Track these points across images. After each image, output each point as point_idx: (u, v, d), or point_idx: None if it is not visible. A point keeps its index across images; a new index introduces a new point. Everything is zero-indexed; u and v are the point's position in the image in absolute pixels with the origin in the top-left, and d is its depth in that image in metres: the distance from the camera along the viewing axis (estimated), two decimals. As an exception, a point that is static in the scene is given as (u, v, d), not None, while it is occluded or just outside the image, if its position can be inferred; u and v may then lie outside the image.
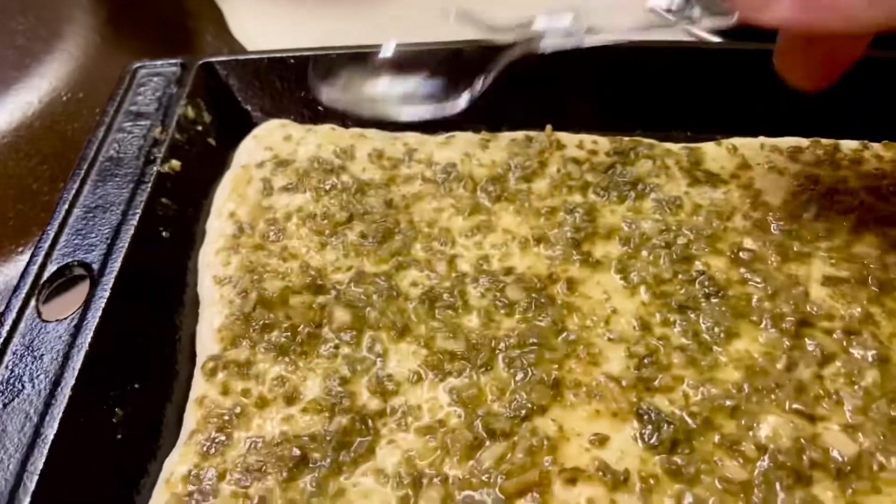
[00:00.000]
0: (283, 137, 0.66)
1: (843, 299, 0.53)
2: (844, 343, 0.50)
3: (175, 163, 0.60)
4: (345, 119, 0.70)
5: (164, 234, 0.57)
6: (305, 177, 0.62)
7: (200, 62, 0.69)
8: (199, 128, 0.65)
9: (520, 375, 0.49)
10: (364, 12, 0.97)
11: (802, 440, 0.45)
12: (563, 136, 0.66)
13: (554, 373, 0.49)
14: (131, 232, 0.54)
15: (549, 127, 0.67)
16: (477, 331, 0.51)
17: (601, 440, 0.46)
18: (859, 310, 0.52)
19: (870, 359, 0.49)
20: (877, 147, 0.65)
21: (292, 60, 0.70)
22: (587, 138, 0.67)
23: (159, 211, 0.57)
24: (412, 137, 0.67)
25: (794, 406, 0.47)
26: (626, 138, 0.67)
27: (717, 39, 0.85)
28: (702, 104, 0.70)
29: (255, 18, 0.94)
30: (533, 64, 0.70)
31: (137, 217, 0.55)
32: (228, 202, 0.60)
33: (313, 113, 0.70)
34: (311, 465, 0.45)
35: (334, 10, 0.97)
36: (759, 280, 0.54)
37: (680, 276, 0.55)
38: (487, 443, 0.45)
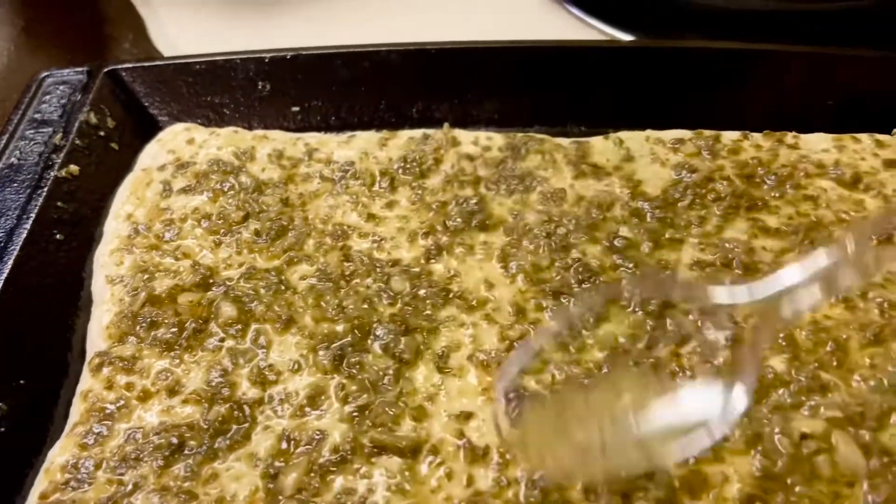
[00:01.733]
0: (187, 141, 0.68)
1: (707, 282, 0.56)
2: (700, 324, 0.52)
3: (73, 167, 0.62)
4: (250, 121, 0.73)
5: (58, 236, 0.59)
6: (204, 178, 0.64)
7: (106, 70, 0.70)
8: (102, 133, 0.67)
9: (394, 357, 0.51)
10: (288, 16, 0.99)
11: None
12: (460, 134, 0.69)
13: (427, 353, 0.51)
14: (24, 235, 0.56)
15: (446, 125, 0.70)
16: (359, 318, 0.53)
17: (466, 416, 0.48)
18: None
19: (723, 340, 0.52)
20: (757, 137, 0.68)
21: (198, 66, 0.72)
22: (482, 135, 0.69)
23: (54, 214, 0.59)
24: (314, 138, 0.69)
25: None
26: (520, 134, 0.69)
27: (627, 37, 0.88)
28: (598, 100, 0.73)
29: (179, 24, 0.96)
30: (441, 63, 0.73)
31: (31, 221, 0.57)
32: (126, 204, 0.62)
33: (219, 116, 0.72)
34: (186, 453, 0.47)
35: (258, 15, 0.99)
36: (630, 266, 0.57)
37: (557, 264, 0.57)
38: (355, 413, 0.48)
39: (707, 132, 0.68)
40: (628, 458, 0.41)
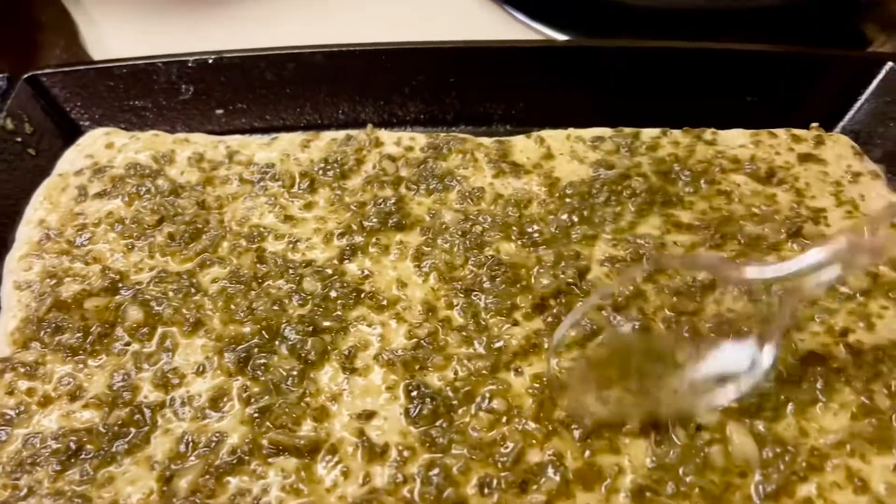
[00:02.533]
0: (106, 145, 0.67)
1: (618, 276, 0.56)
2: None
3: (-16, 173, 0.62)
4: (174, 124, 0.72)
5: (-35, 242, 0.58)
6: (120, 182, 0.63)
7: (25, 76, 0.70)
8: (19, 139, 0.66)
9: (300, 358, 0.51)
10: (225, 19, 0.98)
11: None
12: (383, 134, 0.69)
13: (333, 354, 0.51)
14: (-72, 242, 0.55)
15: (370, 126, 0.70)
16: (268, 319, 0.53)
17: (368, 415, 0.48)
18: (631, 288, 0.55)
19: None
20: (676, 133, 0.69)
21: (119, 70, 0.71)
22: (406, 135, 0.69)
23: (-38, 221, 0.59)
24: (235, 140, 0.69)
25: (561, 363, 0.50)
26: (443, 134, 0.70)
27: (563, 37, 0.89)
28: (523, 100, 0.74)
29: (113, 29, 0.95)
30: (367, 64, 0.73)
31: (-63, 227, 0.56)
32: (39, 210, 0.62)
33: (142, 120, 0.72)
34: (83, 457, 0.46)
35: (196, 19, 0.99)
36: (549, 261, 0.57)
37: (471, 262, 0.58)
38: (255, 414, 0.48)
39: (627, 129, 0.69)
40: (664, 403, 0.47)
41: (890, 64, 0.70)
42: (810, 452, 0.46)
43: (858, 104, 0.71)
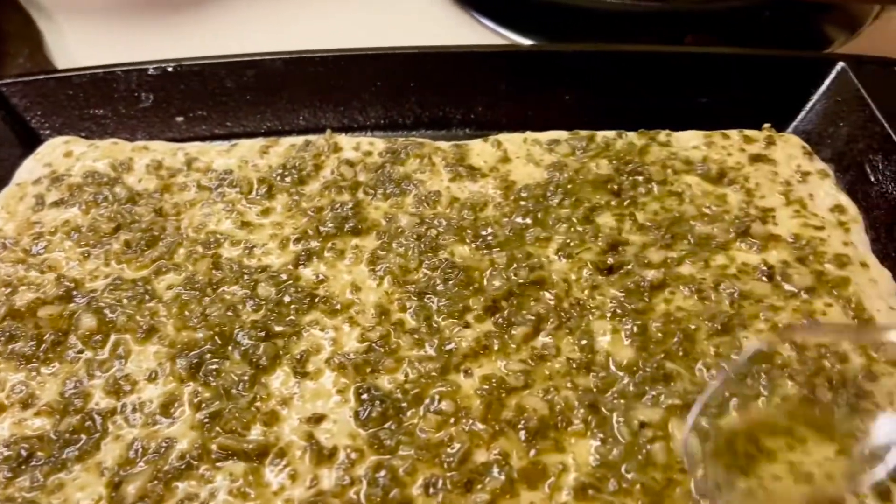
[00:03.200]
0: (65, 154, 0.68)
1: (574, 273, 0.57)
2: (560, 313, 0.54)
3: (-61, 184, 0.62)
4: (134, 132, 0.73)
5: (-79, 252, 0.58)
6: (78, 191, 0.64)
7: (-15, 85, 0.70)
8: (-23, 148, 0.67)
9: (251, 363, 0.52)
10: (192, 28, 0.99)
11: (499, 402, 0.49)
12: (342, 140, 0.70)
13: (285, 358, 0.52)
14: None
15: (329, 131, 0.71)
16: (221, 325, 0.54)
17: (318, 419, 0.49)
18: (587, 289, 0.56)
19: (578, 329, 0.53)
20: (631, 135, 0.70)
21: (79, 79, 0.72)
22: (365, 140, 0.70)
23: (-84, 231, 0.59)
24: (195, 147, 0.69)
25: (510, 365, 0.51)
26: (402, 139, 0.70)
27: (527, 42, 0.90)
28: (483, 105, 0.75)
29: (79, 39, 0.95)
30: (327, 70, 0.74)
31: None
32: (-5, 219, 0.62)
33: (102, 128, 0.72)
34: (34, 464, 0.47)
35: (163, 27, 0.99)
36: (501, 262, 0.58)
37: (425, 265, 0.58)
38: (206, 419, 0.48)
39: (583, 132, 0.70)
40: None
41: (841, 64, 0.71)
42: (751, 445, 0.47)
43: (810, 104, 0.72)
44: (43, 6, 1.00)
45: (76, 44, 0.94)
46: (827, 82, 0.72)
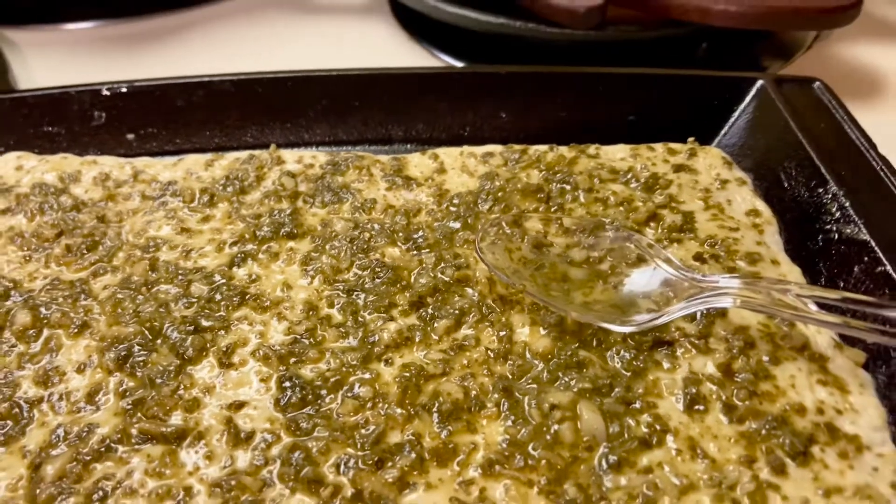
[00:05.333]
0: (16, 168, 0.70)
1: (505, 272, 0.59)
2: (483, 308, 0.56)
3: None
4: (86, 149, 0.75)
5: None
6: (25, 200, 0.66)
7: (-59, 104, 0.73)
8: (-70, 161, 0.69)
9: (178, 355, 0.53)
10: (153, 60, 1.03)
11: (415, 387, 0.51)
12: (285, 153, 0.73)
13: (212, 350, 0.54)
14: None
15: (273, 146, 0.74)
16: (151, 321, 0.55)
17: (239, 405, 0.50)
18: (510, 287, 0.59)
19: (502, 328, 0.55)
20: (562, 149, 0.73)
21: (33, 99, 0.75)
22: (307, 154, 0.73)
23: None
24: (142, 161, 0.72)
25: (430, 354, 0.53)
26: (343, 152, 0.73)
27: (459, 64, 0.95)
28: (422, 121, 0.78)
29: (47, 69, 0.99)
30: (274, 90, 0.77)
31: None
32: (-58, 225, 0.64)
33: (55, 145, 0.75)
34: (-45, 449, 0.48)
35: (126, 59, 1.03)
36: (430, 263, 0.61)
37: (356, 266, 0.61)
38: (129, 406, 0.50)
39: (516, 146, 0.73)
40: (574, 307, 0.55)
41: (761, 81, 0.76)
42: (654, 424, 0.49)
43: (732, 119, 0.76)
44: (11, 40, 1.05)
45: (42, 72, 0.98)
46: (748, 98, 0.76)
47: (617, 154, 0.73)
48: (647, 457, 0.47)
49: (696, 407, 0.50)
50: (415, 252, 0.62)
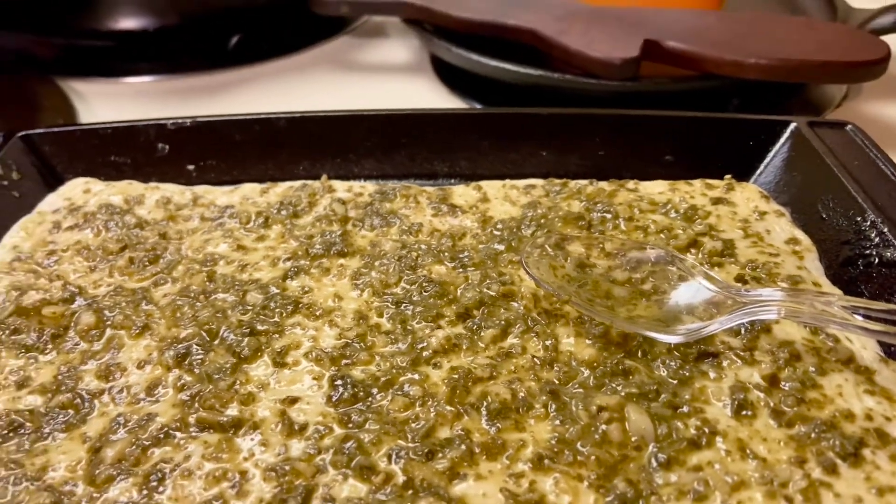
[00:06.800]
0: (84, 191, 0.74)
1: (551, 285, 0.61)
2: (528, 320, 0.58)
3: (-31, 206, 0.68)
4: (148, 178, 0.80)
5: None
6: (91, 217, 0.70)
7: (20, 134, 0.78)
8: (5, 182, 0.73)
9: (234, 354, 0.55)
10: (212, 107, 1.09)
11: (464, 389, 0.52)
12: (335, 183, 0.76)
13: (267, 351, 0.55)
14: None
15: (324, 176, 0.77)
16: (209, 323, 0.58)
17: (292, 400, 0.52)
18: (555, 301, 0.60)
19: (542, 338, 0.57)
20: (602, 183, 0.76)
21: (103, 131, 0.80)
22: (357, 184, 0.77)
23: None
24: (202, 188, 0.76)
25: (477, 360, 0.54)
26: (391, 183, 0.77)
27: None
28: (467, 158, 0.82)
29: (110, 116, 1.05)
30: (324, 127, 0.82)
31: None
32: (15, 237, 0.68)
33: (120, 173, 0.79)
34: (21, 433, 0.50)
35: (186, 106, 1.09)
36: (471, 280, 0.63)
37: (404, 280, 0.63)
38: (186, 397, 0.51)
39: (557, 180, 0.76)
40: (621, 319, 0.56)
41: (794, 124, 0.78)
42: (702, 427, 0.49)
43: (768, 159, 0.78)
44: (78, 90, 1.12)
45: (105, 118, 1.04)
46: (782, 139, 0.78)
47: (655, 189, 0.75)
48: (696, 456, 0.47)
49: (744, 412, 0.50)
50: (460, 270, 0.64)
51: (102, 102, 1.09)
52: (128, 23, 1.14)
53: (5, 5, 1.12)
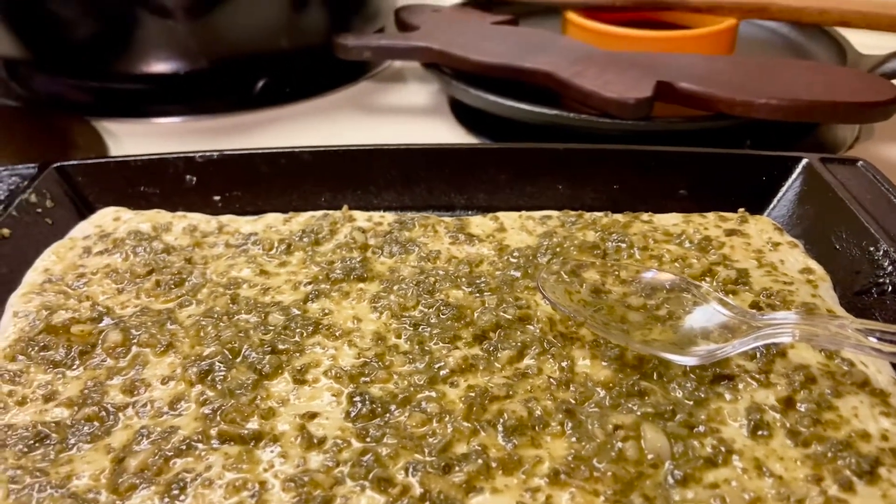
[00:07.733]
0: (114, 219, 0.77)
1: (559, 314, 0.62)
2: (544, 342, 0.59)
3: (5, 230, 0.71)
4: (176, 208, 0.82)
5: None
6: (120, 243, 0.72)
7: (54, 165, 0.81)
8: (39, 210, 0.76)
9: (255, 370, 0.56)
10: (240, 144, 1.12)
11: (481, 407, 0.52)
12: (356, 213, 0.79)
13: (287, 369, 0.57)
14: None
15: (345, 206, 0.80)
16: (231, 342, 0.59)
17: (312, 415, 0.53)
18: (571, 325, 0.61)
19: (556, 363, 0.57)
20: (617, 216, 0.78)
21: (134, 163, 0.83)
22: (377, 214, 0.79)
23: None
24: (227, 217, 0.79)
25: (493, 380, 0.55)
26: (410, 213, 0.79)
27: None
28: (484, 191, 0.84)
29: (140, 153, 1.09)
30: (347, 161, 0.84)
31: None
32: (46, 261, 0.70)
33: (148, 203, 0.82)
34: (47, 443, 0.51)
35: (212, 146, 1.13)
36: (488, 304, 0.64)
37: (422, 304, 0.64)
38: (209, 411, 0.52)
39: (572, 211, 0.78)
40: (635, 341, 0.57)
41: (806, 160, 0.80)
42: (718, 446, 0.49)
43: (780, 194, 0.80)
44: (110, 129, 1.16)
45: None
46: (794, 174, 0.80)
47: (670, 220, 0.76)
48: (713, 474, 0.47)
49: (760, 432, 0.50)
50: (477, 294, 0.65)
51: (133, 141, 1.13)
52: (160, 66, 1.19)
53: (43, 51, 1.18)
